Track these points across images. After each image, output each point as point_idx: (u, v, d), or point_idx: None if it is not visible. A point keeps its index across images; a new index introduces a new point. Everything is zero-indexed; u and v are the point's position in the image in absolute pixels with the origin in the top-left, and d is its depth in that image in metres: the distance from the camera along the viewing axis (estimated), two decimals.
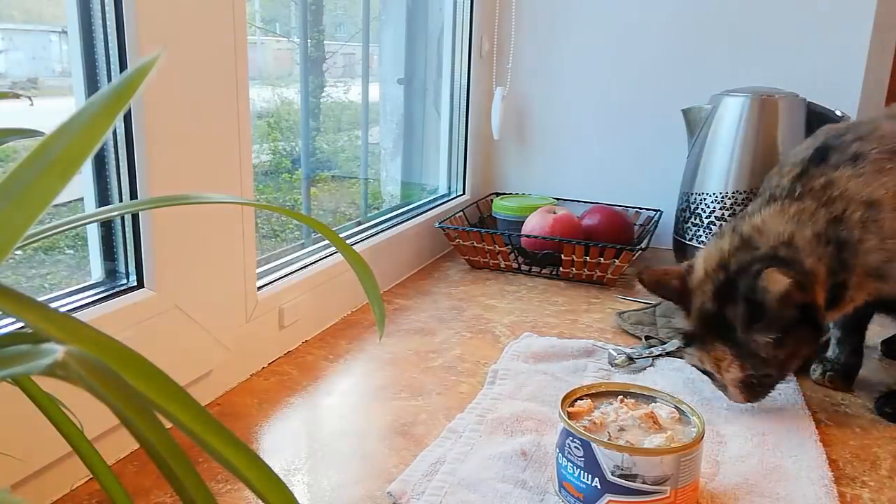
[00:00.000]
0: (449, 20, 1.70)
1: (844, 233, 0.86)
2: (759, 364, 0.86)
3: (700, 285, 0.90)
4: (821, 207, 0.87)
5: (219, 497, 0.71)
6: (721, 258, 0.89)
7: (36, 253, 0.94)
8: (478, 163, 1.84)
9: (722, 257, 0.89)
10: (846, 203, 0.86)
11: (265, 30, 1.50)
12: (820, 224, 0.86)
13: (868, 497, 0.75)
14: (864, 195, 0.86)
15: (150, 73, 0.27)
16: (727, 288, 0.87)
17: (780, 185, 0.93)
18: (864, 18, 1.50)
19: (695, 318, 0.90)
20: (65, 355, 0.23)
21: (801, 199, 0.89)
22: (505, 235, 1.50)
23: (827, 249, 0.86)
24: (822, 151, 0.92)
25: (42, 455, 0.67)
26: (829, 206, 0.87)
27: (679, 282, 0.93)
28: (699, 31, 1.62)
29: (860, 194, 0.86)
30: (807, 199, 0.89)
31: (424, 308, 1.27)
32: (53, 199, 0.25)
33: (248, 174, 0.92)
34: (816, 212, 0.87)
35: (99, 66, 0.77)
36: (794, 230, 0.87)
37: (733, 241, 0.90)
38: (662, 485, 0.66)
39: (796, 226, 0.87)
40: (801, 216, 0.87)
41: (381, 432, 0.85)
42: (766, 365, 0.86)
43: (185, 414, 0.25)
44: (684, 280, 0.93)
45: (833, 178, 0.88)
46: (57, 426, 0.39)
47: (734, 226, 0.92)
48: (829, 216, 0.86)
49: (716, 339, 0.88)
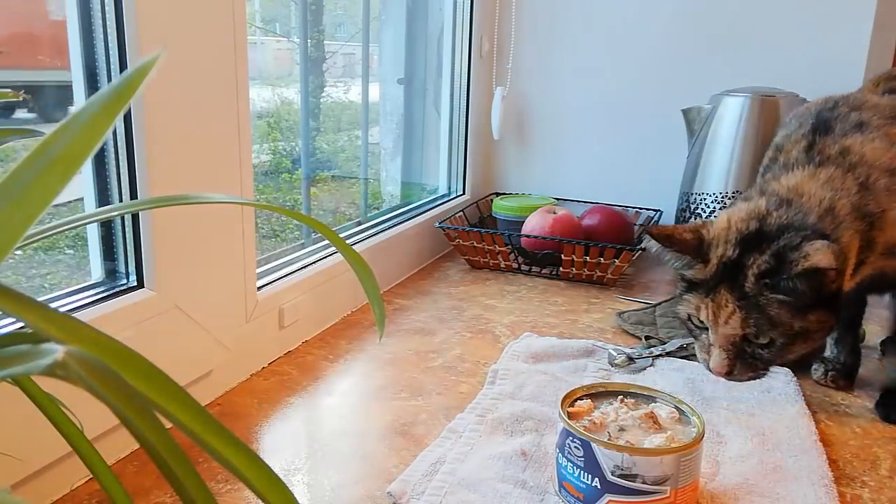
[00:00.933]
0: (449, 20, 1.70)
1: (872, 205, 0.82)
2: (763, 323, 0.80)
3: (722, 234, 0.85)
4: (847, 173, 0.83)
5: (219, 497, 0.71)
6: (756, 212, 0.84)
7: (36, 253, 0.94)
8: (478, 163, 1.84)
9: (757, 211, 0.84)
10: (869, 169, 0.83)
11: (265, 30, 1.50)
12: (854, 195, 0.82)
13: (868, 497, 0.75)
14: (885, 162, 0.84)
15: (150, 73, 0.27)
16: (756, 238, 0.82)
17: (790, 158, 0.89)
18: (864, 18, 1.50)
19: (712, 266, 0.84)
20: (65, 355, 0.23)
21: (825, 166, 0.85)
22: (505, 235, 1.50)
23: (862, 224, 0.82)
24: (822, 123, 0.89)
25: (42, 455, 0.67)
26: (853, 172, 0.83)
27: (693, 234, 0.87)
28: (699, 31, 1.62)
29: (880, 161, 0.84)
30: (830, 165, 0.85)
31: (424, 308, 1.27)
32: (53, 199, 0.25)
33: (248, 174, 0.92)
34: (845, 178, 0.83)
35: (99, 66, 0.77)
36: (834, 197, 0.82)
37: (770, 201, 0.84)
38: (662, 485, 0.66)
39: (834, 193, 0.83)
40: (834, 183, 0.83)
41: (381, 432, 0.85)
42: (772, 327, 0.80)
43: (185, 414, 0.25)
44: (699, 233, 0.87)
45: (847, 144, 0.85)
46: (57, 426, 0.39)
47: (762, 188, 0.88)
48: (857, 182, 0.83)
49: (724, 287, 0.82)
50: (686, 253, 0.86)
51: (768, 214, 0.83)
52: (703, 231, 0.87)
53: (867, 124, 0.86)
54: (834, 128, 0.88)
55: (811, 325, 0.81)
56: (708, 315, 0.84)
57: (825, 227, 0.81)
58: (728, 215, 0.86)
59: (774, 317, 0.79)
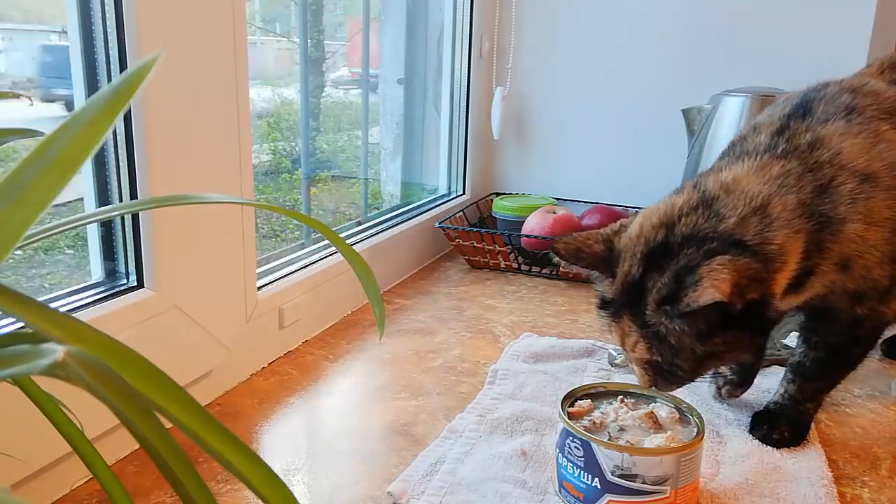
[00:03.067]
0: (449, 20, 1.70)
1: (829, 207, 0.70)
2: (667, 352, 0.70)
3: (629, 246, 0.73)
4: (807, 172, 0.71)
5: (219, 497, 0.71)
6: (667, 216, 0.72)
7: (36, 253, 0.94)
8: (478, 163, 1.84)
9: (669, 215, 0.72)
10: (837, 171, 0.70)
11: (265, 30, 1.50)
12: (805, 193, 0.70)
13: (868, 497, 0.75)
14: (860, 165, 0.71)
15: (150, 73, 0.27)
16: (660, 252, 0.70)
17: (752, 144, 0.76)
18: (864, 18, 1.50)
19: (617, 285, 0.74)
20: (65, 355, 0.23)
21: (786, 158, 0.72)
22: (505, 235, 1.50)
23: (809, 224, 0.70)
24: (805, 104, 0.76)
25: (42, 455, 0.67)
26: (816, 172, 0.71)
27: (603, 245, 0.76)
28: (699, 31, 1.62)
29: (854, 162, 0.71)
30: (791, 159, 0.72)
31: (424, 308, 1.27)
32: (53, 199, 0.25)
33: (248, 174, 0.92)
34: (803, 177, 0.71)
35: (99, 66, 0.77)
36: (773, 194, 0.70)
37: (691, 199, 0.72)
38: (662, 485, 0.66)
39: (777, 189, 0.70)
40: (786, 179, 0.71)
41: (381, 432, 0.85)
42: (676, 356, 0.70)
43: (185, 414, 0.25)
44: (610, 242, 0.76)
45: (822, 134, 0.72)
46: (57, 426, 0.39)
47: (697, 181, 0.75)
48: (815, 185, 0.70)
49: (626, 312, 0.72)
50: (595, 268, 0.76)
51: (678, 220, 0.71)
52: (614, 240, 0.76)
53: (858, 112, 0.73)
54: (815, 111, 0.75)
55: (719, 348, 0.70)
56: (616, 339, 0.76)
57: (744, 232, 0.68)
58: (642, 219, 0.75)
59: (675, 345, 0.70)
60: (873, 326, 0.79)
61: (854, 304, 0.77)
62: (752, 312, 0.68)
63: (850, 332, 0.79)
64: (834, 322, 0.79)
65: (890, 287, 0.76)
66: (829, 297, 0.76)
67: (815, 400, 0.85)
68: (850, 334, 0.79)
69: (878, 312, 0.77)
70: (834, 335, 0.81)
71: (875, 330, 0.80)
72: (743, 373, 0.91)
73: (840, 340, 0.80)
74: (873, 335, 0.81)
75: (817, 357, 0.82)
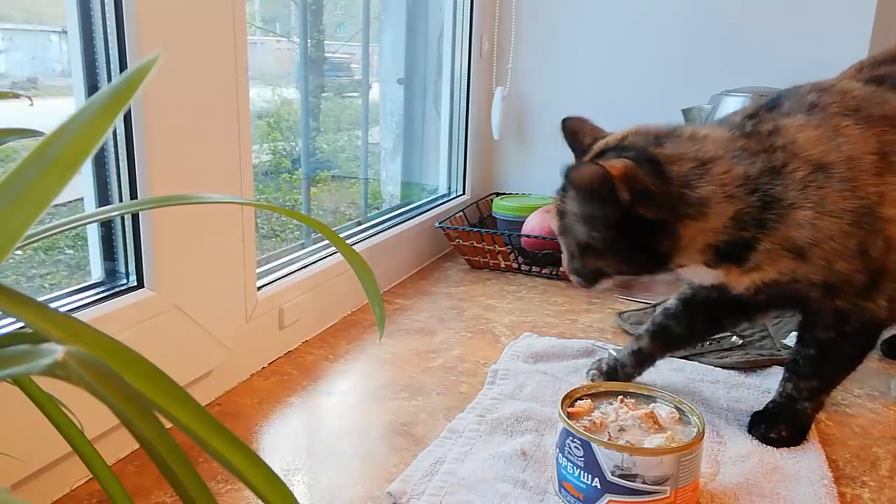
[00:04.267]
0: (449, 20, 1.70)
1: (779, 189, 0.74)
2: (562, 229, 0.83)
3: (598, 147, 0.83)
4: (761, 152, 0.76)
5: (219, 497, 0.71)
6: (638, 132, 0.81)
7: (36, 253, 0.94)
8: (478, 163, 1.84)
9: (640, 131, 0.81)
10: (789, 157, 0.75)
11: (265, 30, 1.50)
12: (756, 168, 0.75)
13: (868, 497, 0.75)
14: (815, 154, 0.74)
15: (150, 73, 0.27)
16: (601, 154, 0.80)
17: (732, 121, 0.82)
18: (864, 18, 1.50)
19: None
20: (65, 355, 0.23)
21: (747, 138, 0.78)
22: (505, 235, 1.50)
23: (749, 199, 0.75)
24: (776, 99, 0.82)
25: (42, 455, 0.67)
26: (770, 154, 0.76)
27: (591, 140, 0.86)
28: (699, 31, 1.62)
29: (809, 152, 0.75)
30: (752, 139, 0.77)
31: (424, 308, 1.27)
32: (53, 199, 0.25)
33: (248, 174, 0.92)
34: (757, 156, 0.76)
35: (99, 66, 0.77)
36: (723, 158, 0.76)
37: (666, 130, 0.80)
38: (662, 485, 0.66)
39: (730, 158, 0.76)
40: (741, 153, 0.76)
41: (381, 432, 0.85)
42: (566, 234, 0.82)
43: (185, 414, 0.25)
44: (595, 139, 0.86)
45: (782, 124, 0.77)
46: (57, 426, 0.39)
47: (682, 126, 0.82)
48: (767, 165, 0.75)
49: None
50: (576, 154, 0.88)
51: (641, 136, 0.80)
52: (599, 139, 0.85)
53: (820, 108, 0.78)
54: (783, 105, 0.80)
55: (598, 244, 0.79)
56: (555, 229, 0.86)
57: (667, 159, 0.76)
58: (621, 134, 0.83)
59: (570, 225, 0.81)
60: (862, 323, 0.79)
61: (829, 296, 0.77)
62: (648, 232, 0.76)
63: (837, 327, 0.79)
64: (818, 315, 0.80)
65: (868, 283, 0.76)
66: (796, 286, 0.77)
67: (814, 400, 0.84)
68: (838, 329, 0.80)
69: (862, 307, 0.77)
70: (822, 330, 0.81)
71: (866, 327, 0.79)
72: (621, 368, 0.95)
73: (829, 336, 0.81)
74: (865, 333, 0.81)
75: (808, 354, 0.83)
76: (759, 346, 1.10)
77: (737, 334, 1.13)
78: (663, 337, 0.94)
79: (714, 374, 1.01)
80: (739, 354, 1.07)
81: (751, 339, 1.13)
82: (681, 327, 0.93)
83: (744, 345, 1.11)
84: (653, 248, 0.77)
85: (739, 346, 1.10)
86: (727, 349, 1.09)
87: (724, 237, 0.76)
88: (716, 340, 1.10)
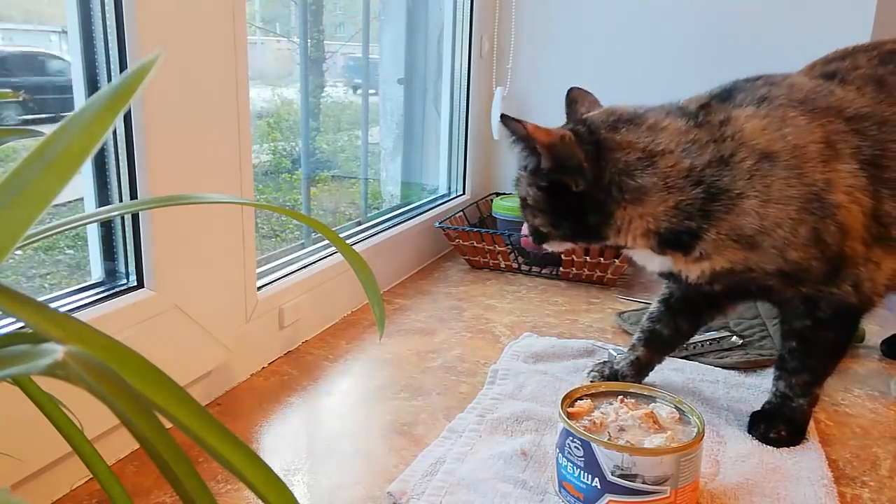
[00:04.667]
0: (449, 20, 1.70)
1: (727, 179, 0.76)
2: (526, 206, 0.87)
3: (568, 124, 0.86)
4: (711, 142, 0.77)
5: (219, 497, 0.71)
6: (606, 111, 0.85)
7: (36, 253, 0.94)
8: (478, 163, 1.84)
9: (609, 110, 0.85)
10: (737, 146, 0.76)
11: (265, 30, 1.50)
12: (703, 160, 0.77)
13: (868, 497, 0.75)
14: (761, 143, 0.76)
15: (150, 73, 0.27)
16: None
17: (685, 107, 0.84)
18: (864, 18, 1.50)
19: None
20: (65, 355, 0.23)
21: (700, 128, 0.79)
22: (505, 235, 1.50)
23: (692, 190, 0.76)
24: (729, 90, 0.84)
25: (42, 455, 0.67)
26: (719, 144, 0.77)
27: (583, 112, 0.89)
28: (699, 32, 1.62)
29: (756, 141, 0.76)
30: (703, 129, 0.79)
31: (424, 308, 1.27)
32: (53, 199, 0.25)
33: (248, 174, 0.92)
34: (706, 146, 0.77)
35: (99, 66, 0.77)
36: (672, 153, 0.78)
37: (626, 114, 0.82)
38: (662, 485, 0.66)
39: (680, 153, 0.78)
40: (692, 146, 0.78)
41: (381, 432, 0.85)
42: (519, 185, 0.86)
43: (185, 414, 0.25)
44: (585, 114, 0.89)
45: (732, 115, 0.79)
46: (57, 426, 0.39)
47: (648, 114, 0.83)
48: (716, 155, 0.77)
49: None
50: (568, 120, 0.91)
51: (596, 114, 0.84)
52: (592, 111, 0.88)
53: (769, 100, 0.79)
54: (735, 97, 0.82)
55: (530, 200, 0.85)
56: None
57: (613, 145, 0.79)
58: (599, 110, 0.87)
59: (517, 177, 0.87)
60: (833, 308, 0.79)
61: (791, 283, 0.78)
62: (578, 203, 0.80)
63: (809, 314, 0.80)
64: (789, 305, 0.81)
65: (828, 270, 0.77)
66: (751, 275, 0.79)
67: (807, 395, 0.84)
68: (812, 317, 0.80)
69: (828, 294, 0.78)
70: (797, 319, 0.82)
71: (838, 312, 0.79)
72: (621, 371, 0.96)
73: (805, 325, 0.81)
74: (839, 318, 0.80)
75: (792, 347, 0.83)
76: (759, 346, 1.10)
77: (737, 334, 1.13)
78: (654, 341, 0.95)
79: (714, 374, 1.01)
80: (739, 354, 1.07)
81: (751, 339, 1.13)
82: (668, 328, 0.94)
83: (744, 345, 1.11)
84: (584, 219, 0.82)
85: (739, 346, 1.10)
86: (727, 349, 1.09)
87: (665, 225, 0.79)
88: (716, 340, 1.10)
